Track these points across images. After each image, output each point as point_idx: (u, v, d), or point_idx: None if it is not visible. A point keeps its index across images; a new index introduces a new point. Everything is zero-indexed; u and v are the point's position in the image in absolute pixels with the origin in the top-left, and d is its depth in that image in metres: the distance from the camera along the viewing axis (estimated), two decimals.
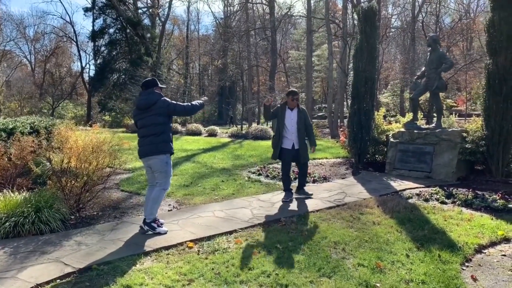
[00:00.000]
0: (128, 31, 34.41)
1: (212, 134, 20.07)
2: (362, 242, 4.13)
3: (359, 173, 8.60)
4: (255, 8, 37.84)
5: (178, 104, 4.65)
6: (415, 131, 8.56)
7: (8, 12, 66.55)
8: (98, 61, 36.72)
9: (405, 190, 6.81)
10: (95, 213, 5.37)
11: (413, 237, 4.27)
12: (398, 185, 7.25)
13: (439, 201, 5.96)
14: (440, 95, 8.96)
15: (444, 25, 36.36)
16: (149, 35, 35.32)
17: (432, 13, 34.02)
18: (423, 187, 6.98)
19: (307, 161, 6.36)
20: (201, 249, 3.95)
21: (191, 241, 4.15)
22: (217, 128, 22.02)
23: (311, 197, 6.21)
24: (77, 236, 4.36)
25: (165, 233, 4.40)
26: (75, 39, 43.52)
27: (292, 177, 6.89)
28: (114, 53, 35.67)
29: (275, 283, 3.18)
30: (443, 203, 5.87)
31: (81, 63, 44.80)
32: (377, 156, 9.82)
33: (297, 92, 6.48)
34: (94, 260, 3.63)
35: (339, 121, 24.12)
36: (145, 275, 3.32)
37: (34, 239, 4.24)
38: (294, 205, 5.80)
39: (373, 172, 8.80)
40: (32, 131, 7.46)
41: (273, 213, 5.35)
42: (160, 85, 4.70)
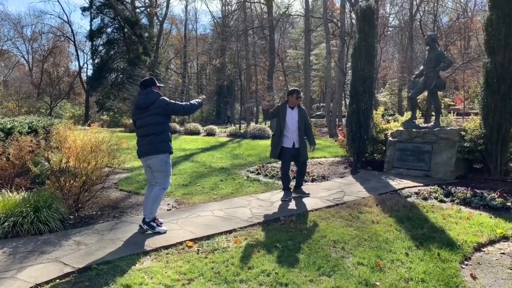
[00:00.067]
0: (126, 30, 34.39)
1: (210, 133, 20.07)
2: (361, 240, 4.14)
3: (357, 172, 8.62)
4: (253, 7, 37.79)
5: (177, 103, 4.65)
6: (414, 130, 8.58)
7: (5, 11, 66.51)
8: (96, 61, 36.68)
9: (404, 188, 6.82)
10: (94, 213, 5.36)
11: (412, 235, 4.27)
12: (397, 183, 7.26)
13: (438, 199, 5.98)
14: (438, 94, 8.98)
15: (441, 24, 36.38)
16: (147, 34, 35.30)
17: (429, 12, 34.04)
18: (421, 186, 6.99)
19: (306, 160, 6.39)
20: (200, 249, 3.95)
21: (190, 240, 4.14)
22: (216, 127, 22.03)
23: (308, 196, 6.22)
24: (76, 236, 4.35)
25: (164, 233, 4.40)
26: (72, 39, 43.52)
27: (290, 176, 6.89)
28: (112, 53, 35.63)
29: (275, 282, 3.18)
30: (442, 201, 5.89)
31: (79, 62, 45.13)
32: (376, 155, 9.84)
33: (300, 90, 6.49)
34: (93, 259, 3.63)
35: (337, 120, 24.13)
36: (144, 275, 3.31)
37: (33, 239, 4.23)
38: (293, 204, 5.81)
39: (372, 171, 8.81)
40: (30, 130, 7.43)
41: (272, 212, 5.35)
42: (158, 84, 4.70)
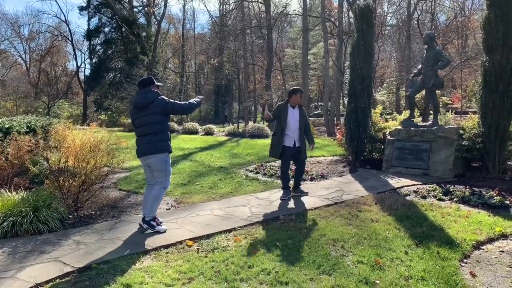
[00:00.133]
0: (123, 30, 34.27)
1: (208, 132, 20.04)
2: (361, 239, 4.15)
3: (356, 171, 8.63)
4: (251, 6, 37.71)
5: (175, 102, 4.64)
6: (412, 129, 8.59)
7: (2, 11, 66.32)
8: (93, 60, 36.50)
9: (402, 187, 6.83)
10: (93, 212, 5.35)
11: (412, 234, 4.29)
12: (395, 182, 7.28)
13: (437, 198, 5.99)
14: (436, 92, 9.00)
15: (439, 23, 36.42)
16: (144, 34, 35.22)
17: (427, 11, 34.06)
18: (420, 184, 7.01)
19: (305, 159, 6.41)
20: (200, 248, 3.95)
21: (190, 239, 4.15)
22: (214, 126, 21.99)
23: (307, 195, 6.23)
24: (75, 235, 4.35)
25: (164, 232, 4.40)
26: (70, 38, 43.30)
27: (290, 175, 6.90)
28: (109, 52, 35.52)
29: (275, 280, 3.19)
30: (440, 200, 5.91)
31: (77, 62, 44.76)
32: (374, 153, 9.86)
33: (301, 90, 6.46)
34: (93, 259, 3.63)
35: (335, 119, 24.14)
36: (145, 274, 3.31)
37: (32, 238, 4.23)
38: (292, 203, 5.82)
39: (370, 169, 8.83)
40: (28, 130, 7.42)
41: (272, 211, 5.35)
42: (156, 83, 4.69)
